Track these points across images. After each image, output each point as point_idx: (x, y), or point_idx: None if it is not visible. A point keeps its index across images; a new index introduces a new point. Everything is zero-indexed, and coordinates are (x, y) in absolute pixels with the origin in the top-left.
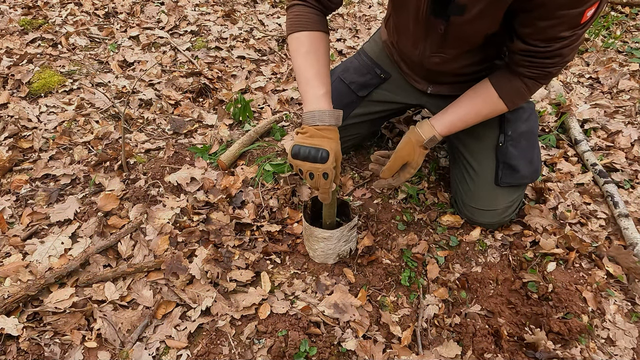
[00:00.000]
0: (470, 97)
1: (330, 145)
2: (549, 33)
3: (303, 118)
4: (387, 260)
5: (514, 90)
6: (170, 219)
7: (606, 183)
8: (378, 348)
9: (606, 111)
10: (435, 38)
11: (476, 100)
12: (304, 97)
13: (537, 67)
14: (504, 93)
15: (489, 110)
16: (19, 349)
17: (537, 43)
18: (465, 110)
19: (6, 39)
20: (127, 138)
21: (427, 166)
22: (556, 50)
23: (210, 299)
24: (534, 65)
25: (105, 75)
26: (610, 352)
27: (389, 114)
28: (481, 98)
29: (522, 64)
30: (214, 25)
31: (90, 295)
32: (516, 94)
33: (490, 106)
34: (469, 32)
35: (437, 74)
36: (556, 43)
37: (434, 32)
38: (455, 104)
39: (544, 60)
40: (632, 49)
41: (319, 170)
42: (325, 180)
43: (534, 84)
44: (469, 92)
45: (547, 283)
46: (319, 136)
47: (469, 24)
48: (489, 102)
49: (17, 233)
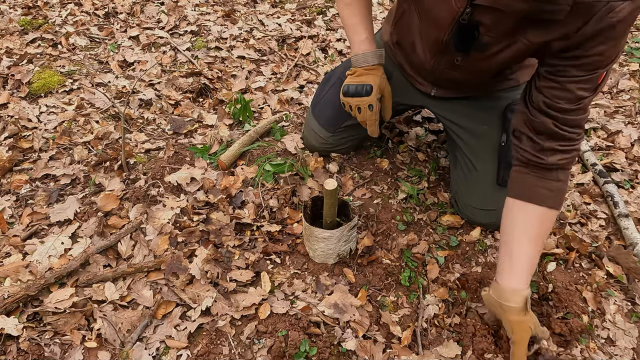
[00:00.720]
0: (530, 235)
1: (374, 80)
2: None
3: (351, 61)
4: (387, 260)
5: (556, 192)
6: (170, 219)
7: (606, 183)
8: (378, 348)
9: (606, 111)
10: (451, 63)
11: (535, 232)
12: (350, 42)
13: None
14: (550, 204)
15: (549, 227)
16: (19, 349)
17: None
18: (534, 251)
19: (6, 39)
20: (127, 138)
21: (427, 166)
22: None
23: (210, 299)
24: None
25: (105, 75)
26: (610, 352)
27: (391, 115)
28: (537, 226)
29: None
30: (214, 25)
31: (90, 295)
32: (560, 195)
33: (549, 223)
34: (485, 65)
35: (445, 80)
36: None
37: (449, 59)
38: (520, 250)
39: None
40: (632, 49)
41: (364, 102)
42: (370, 112)
43: (565, 175)
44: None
45: (547, 283)
46: (364, 74)
47: (487, 60)
48: (544, 221)
49: (17, 233)
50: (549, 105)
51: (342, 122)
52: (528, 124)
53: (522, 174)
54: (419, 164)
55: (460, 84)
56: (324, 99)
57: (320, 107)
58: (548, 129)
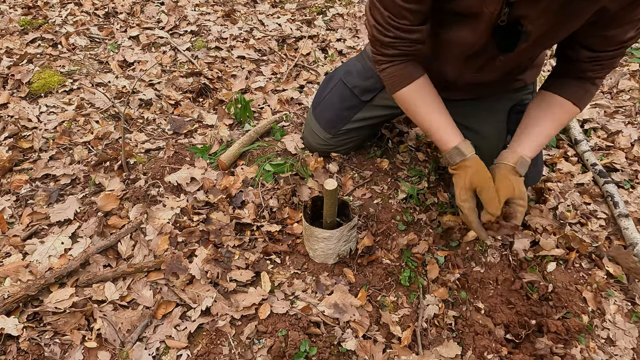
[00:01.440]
0: (546, 113)
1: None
2: (619, 38)
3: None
4: (387, 260)
5: (589, 94)
6: (170, 219)
7: (606, 183)
8: (378, 348)
9: (606, 111)
10: (483, 66)
11: (553, 114)
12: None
13: (606, 67)
14: (577, 99)
15: (566, 120)
16: (19, 349)
17: (607, 49)
18: (547, 127)
19: (6, 39)
20: (127, 138)
21: (427, 166)
22: (625, 49)
23: (210, 299)
24: (604, 67)
25: (105, 75)
26: (610, 352)
27: (391, 118)
28: (558, 110)
29: (591, 69)
30: (214, 25)
31: (90, 295)
32: (588, 97)
33: (568, 116)
34: (525, 55)
35: (455, 84)
36: (626, 44)
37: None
38: (533, 124)
39: (613, 60)
40: (632, 48)
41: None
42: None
43: (602, 81)
44: (541, 110)
45: (547, 283)
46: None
47: (530, 49)
48: (565, 112)
49: (17, 233)
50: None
51: (343, 124)
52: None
53: (559, 77)
54: (419, 164)
55: (476, 86)
56: (325, 100)
57: (321, 108)
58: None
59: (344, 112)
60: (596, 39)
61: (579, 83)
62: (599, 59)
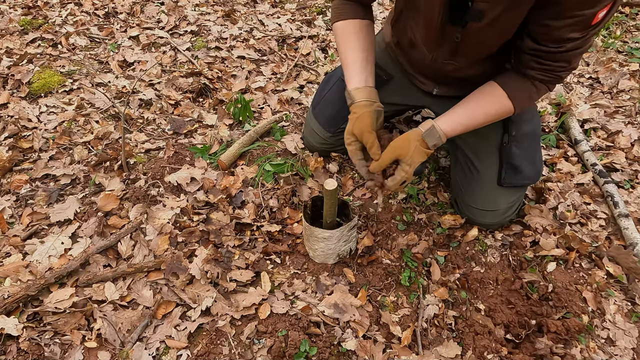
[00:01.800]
0: (477, 97)
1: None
2: (561, 33)
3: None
4: (387, 260)
5: (524, 91)
6: (170, 219)
7: (606, 183)
8: (378, 348)
9: (606, 111)
10: (450, 46)
11: (484, 100)
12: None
13: (546, 70)
14: (512, 94)
15: (496, 111)
16: (19, 349)
17: (548, 43)
18: (472, 109)
19: (6, 39)
20: (127, 138)
21: (427, 166)
22: (566, 52)
23: (210, 299)
24: (543, 68)
25: (105, 75)
26: (610, 352)
27: (391, 115)
28: (489, 98)
29: (532, 66)
30: (214, 25)
31: (90, 295)
32: (525, 96)
33: (499, 107)
34: (486, 38)
35: (446, 77)
36: (567, 44)
37: (448, 40)
38: (461, 104)
39: (552, 63)
40: (632, 49)
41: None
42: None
43: (543, 87)
44: (475, 93)
45: (547, 283)
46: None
47: (487, 30)
48: (497, 102)
49: (17, 233)
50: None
51: (342, 122)
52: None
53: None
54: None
55: (463, 79)
56: (325, 99)
57: (320, 107)
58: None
59: (343, 111)
60: (539, 28)
61: (519, 79)
62: (540, 54)
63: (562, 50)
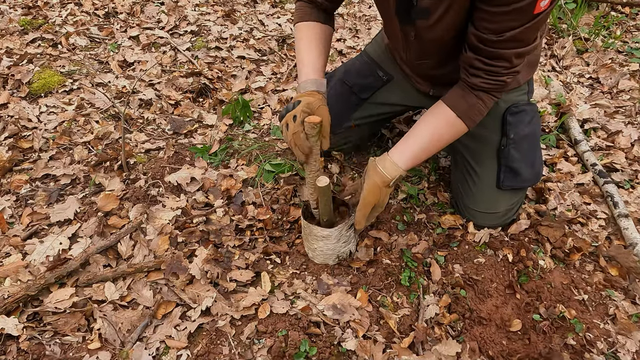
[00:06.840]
0: (429, 122)
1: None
2: (496, 22)
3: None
4: (387, 260)
5: (470, 106)
6: (171, 219)
7: (606, 183)
8: (378, 348)
9: (606, 111)
10: (413, 45)
11: (435, 124)
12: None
13: (489, 73)
14: (460, 111)
15: (450, 133)
16: (19, 349)
17: (487, 33)
18: (426, 138)
19: (6, 39)
20: (127, 138)
21: (427, 166)
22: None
23: (210, 299)
24: (486, 69)
25: (105, 75)
26: (610, 353)
27: (391, 116)
28: (440, 121)
29: (476, 67)
30: (214, 25)
31: (90, 295)
32: (473, 111)
33: (451, 128)
34: (437, 34)
35: (435, 77)
36: (507, 32)
37: (409, 39)
38: (414, 132)
39: (495, 63)
40: (632, 49)
41: (289, 115)
42: (294, 123)
43: (488, 97)
44: (426, 116)
45: (547, 283)
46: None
47: (435, 27)
48: (448, 124)
49: (17, 233)
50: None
51: (342, 122)
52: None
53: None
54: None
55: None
56: None
57: None
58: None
59: (343, 110)
60: (478, 13)
61: (466, 94)
62: (480, 47)
63: (502, 39)
